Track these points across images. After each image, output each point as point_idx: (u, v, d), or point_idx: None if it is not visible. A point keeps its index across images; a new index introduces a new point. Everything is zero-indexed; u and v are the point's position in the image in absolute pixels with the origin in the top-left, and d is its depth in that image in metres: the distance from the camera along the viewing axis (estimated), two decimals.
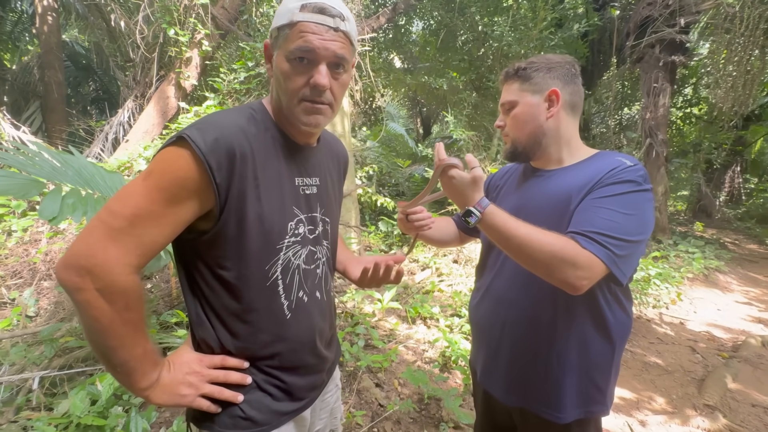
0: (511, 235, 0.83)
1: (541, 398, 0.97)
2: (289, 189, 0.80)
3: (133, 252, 0.66)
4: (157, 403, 0.74)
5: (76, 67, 8.69)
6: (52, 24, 6.64)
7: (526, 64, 0.99)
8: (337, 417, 1.10)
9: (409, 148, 9.23)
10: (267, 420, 0.81)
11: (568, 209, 0.90)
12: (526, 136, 0.99)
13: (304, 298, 0.83)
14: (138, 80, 6.11)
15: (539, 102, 0.97)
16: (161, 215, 0.67)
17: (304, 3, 0.71)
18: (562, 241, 0.81)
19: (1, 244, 3.59)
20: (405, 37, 8.56)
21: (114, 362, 0.68)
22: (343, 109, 3.97)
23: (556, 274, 0.80)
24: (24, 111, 7.19)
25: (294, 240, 0.80)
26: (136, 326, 0.69)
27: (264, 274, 0.77)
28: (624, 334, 0.97)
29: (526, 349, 0.98)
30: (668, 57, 5.62)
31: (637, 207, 0.85)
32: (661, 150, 5.89)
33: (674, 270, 4.87)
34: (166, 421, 1.91)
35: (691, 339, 3.45)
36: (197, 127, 0.69)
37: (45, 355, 2.12)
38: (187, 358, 0.78)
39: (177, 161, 0.67)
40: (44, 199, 1.47)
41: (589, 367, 0.94)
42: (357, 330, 2.83)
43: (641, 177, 0.88)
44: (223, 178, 0.69)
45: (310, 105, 0.74)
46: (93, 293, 0.64)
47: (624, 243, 0.82)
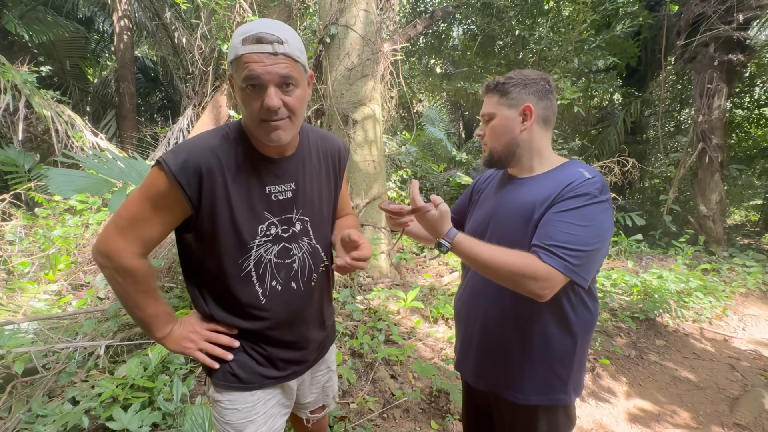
0: (478, 259, 0.94)
1: (505, 383, 1.08)
2: (259, 196, 0.93)
3: (135, 243, 0.89)
4: (170, 349, 0.99)
5: (146, 79, 9.70)
6: (127, 41, 7.51)
7: (504, 79, 1.08)
8: (330, 395, 1.27)
9: (448, 153, 9.27)
10: (251, 380, 1.01)
11: (531, 218, 1.01)
12: (502, 146, 1.09)
13: (278, 287, 0.99)
14: (196, 91, 6.76)
15: (515, 116, 1.06)
16: (151, 218, 0.88)
17: (244, 37, 0.80)
18: (522, 258, 0.92)
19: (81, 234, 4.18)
20: (445, 42, 8.65)
21: (136, 317, 0.94)
22: (375, 116, 4.17)
23: (520, 287, 0.93)
24: (102, 119, 8.16)
25: (265, 239, 0.96)
26: (146, 295, 0.93)
27: (238, 267, 0.94)
28: (587, 330, 1.06)
29: (494, 340, 1.09)
30: (724, 56, 5.23)
31: (592, 218, 0.94)
32: (715, 155, 5.48)
33: (724, 284, 4.54)
34: (203, 390, 2.19)
35: (733, 357, 3.24)
36: (173, 150, 0.87)
37: (110, 329, 2.51)
38: (192, 320, 1.01)
39: (157, 180, 0.86)
40: (113, 196, 1.79)
41: (550, 359, 1.04)
42: (379, 325, 3.00)
43: (597, 189, 0.96)
44: (193, 191, 0.86)
45: (268, 124, 0.85)
46: (111, 270, 0.89)
47: (581, 253, 0.92)
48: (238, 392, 1.00)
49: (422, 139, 9.27)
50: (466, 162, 8.68)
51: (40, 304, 3.13)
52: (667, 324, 3.66)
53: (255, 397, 1.02)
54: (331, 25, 4.02)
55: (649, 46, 7.76)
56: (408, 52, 8.33)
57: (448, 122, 14.73)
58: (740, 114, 9.37)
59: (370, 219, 4.23)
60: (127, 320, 2.62)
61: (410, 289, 3.73)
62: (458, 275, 4.62)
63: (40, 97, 4.39)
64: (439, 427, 2.10)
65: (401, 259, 4.88)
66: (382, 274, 4.31)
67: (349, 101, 4.07)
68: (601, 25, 6.37)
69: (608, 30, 6.02)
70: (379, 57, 4.17)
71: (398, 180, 6.38)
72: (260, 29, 0.80)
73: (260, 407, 1.03)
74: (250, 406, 1.01)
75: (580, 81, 6.89)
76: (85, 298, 3.26)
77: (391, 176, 6.31)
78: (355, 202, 4.11)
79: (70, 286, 3.63)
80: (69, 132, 4.54)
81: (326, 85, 4.18)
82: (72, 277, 3.70)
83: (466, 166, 8.96)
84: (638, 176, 7.74)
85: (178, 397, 1.83)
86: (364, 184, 4.15)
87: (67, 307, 3.17)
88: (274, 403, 1.07)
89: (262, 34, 0.79)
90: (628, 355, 3.11)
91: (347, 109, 4.06)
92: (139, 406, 1.77)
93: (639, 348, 3.25)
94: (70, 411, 1.76)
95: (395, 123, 10.23)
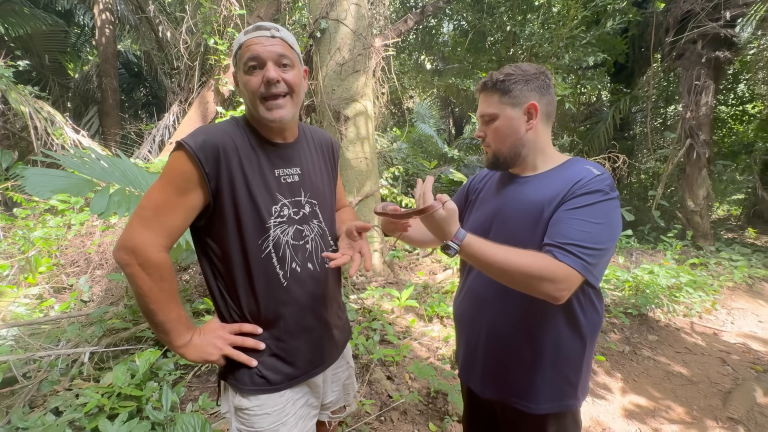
0: (490, 261, 0.87)
1: (515, 392, 1.03)
2: (271, 179, 0.97)
3: (160, 234, 0.88)
4: (189, 359, 0.94)
5: (129, 75, 9.43)
6: (109, 36, 7.27)
7: (504, 76, 1.02)
8: (350, 393, 1.24)
9: (439, 149, 9.25)
10: (279, 380, 0.99)
11: (541, 218, 0.96)
12: (508, 148, 1.04)
13: (297, 268, 0.99)
14: (182, 86, 6.59)
15: (519, 115, 1.01)
16: (175, 203, 0.88)
17: (245, 30, 0.94)
18: (538, 258, 0.87)
19: (63, 236, 4.03)
20: (435, 38, 8.60)
21: (155, 322, 0.90)
22: (367, 112, 4.11)
23: (535, 290, 0.86)
24: (84, 116, 7.91)
25: (280, 220, 0.97)
26: (170, 295, 0.90)
27: (258, 247, 0.94)
28: (595, 331, 1.02)
29: (501, 347, 1.05)
30: (712, 53, 5.29)
31: (606, 215, 0.91)
32: (702, 151, 5.56)
33: (712, 278, 4.61)
34: (194, 397, 2.12)
35: (723, 350, 3.28)
36: (191, 134, 0.91)
37: (95, 334, 2.41)
38: (213, 326, 0.98)
39: (178, 161, 0.88)
40: (94, 197, 1.70)
41: (561, 363, 1.00)
42: (374, 325, 2.95)
43: (608, 186, 0.93)
44: (211, 167, 0.89)
45: (270, 102, 0.92)
46: (136, 267, 0.86)
47: (596, 251, 0.88)
48: (267, 395, 0.97)
49: (413, 135, 9.22)
50: (458, 159, 8.66)
51: (20, 308, 3.00)
52: (659, 319, 3.70)
53: (284, 398, 1.00)
54: (322, 20, 3.93)
55: (637, 43, 7.83)
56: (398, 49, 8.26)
57: (439, 119, 14.72)
58: (724, 110, 9.56)
59: (363, 217, 4.17)
60: (112, 325, 2.52)
61: (404, 288, 3.69)
62: (452, 273, 4.59)
63: (17, 93, 4.21)
64: (437, 429, 2.07)
65: (394, 257, 4.84)
66: (376, 273, 4.26)
67: (340, 97, 3.99)
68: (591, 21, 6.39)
69: (598, 26, 6.04)
70: (370, 52, 4.10)
71: (390, 177, 6.33)
72: (259, 23, 0.94)
73: (290, 408, 1.01)
74: (280, 408, 0.99)
75: (570, 77, 6.91)
76: (68, 302, 3.14)
77: (382, 173, 6.25)
78: (348, 199, 4.04)
79: (52, 290, 3.50)
80: (49, 129, 4.37)
81: (317, 81, 4.09)
82: (54, 280, 3.57)
83: (458, 163, 8.95)
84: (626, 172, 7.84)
85: (168, 406, 1.75)
86: (356, 182, 4.09)
87: (50, 312, 3.05)
88: (303, 403, 1.05)
89: (262, 24, 0.93)
90: (622, 351, 3.13)
91: (339, 106, 3.98)
92: (126, 416, 1.69)
93: (632, 343, 3.27)
94: (53, 422, 1.68)
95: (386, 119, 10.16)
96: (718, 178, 8.54)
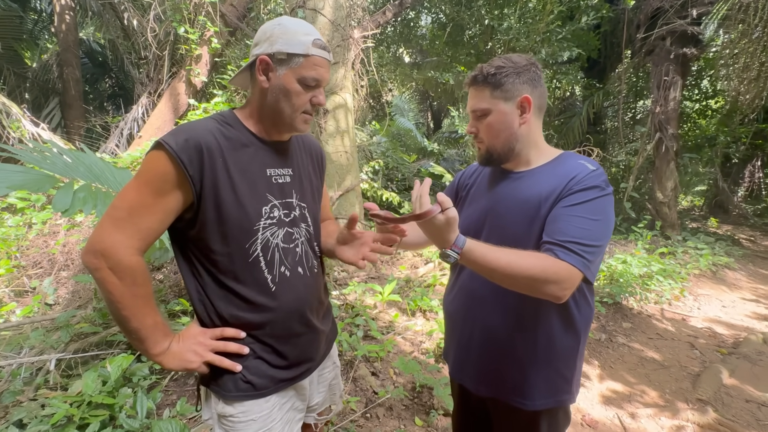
0: (492, 267, 0.84)
1: (511, 389, 1.03)
2: (261, 179, 0.93)
3: (134, 237, 0.82)
4: (168, 368, 0.88)
5: (93, 65, 8.93)
6: (70, 22, 6.84)
7: (494, 70, 0.98)
8: (336, 393, 1.21)
9: (418, 143, 9.25)
10: (265, 385, 0.94)
11: (537, 214, 0.95)
12: (501, 143, 1.01)
13: (287, 273, 0.95)
14: (151, 77, 6.28)
15: (512, 109, 0.99)
16: (151, 205, 0.82)
17: (313, 39, 0.90)
18: (540, 260, 0.85)
19: (23, 235, 3.78)
20: (413, 31, 8.54)
21: (129, 330, 0.84)
22: (347, 105, 4.03)
23: (539, 292, 0.85)
24: (44, 108, 7.44)
25: (270, 222, 0.93)
26: (144, 300, 0.84)
27: (245, 251, 0.89)
28: (588, 325, 1.03)
29: (496, 344, 1.03)
30: (680, 49, 5.50)
31: (603, 211, 0.91)
32: (671, 144, 5.79)
33: (680, 266, 4.82)
34: (171, 402, 2.03)
35: (691, 335, 3.44)
36: (171, 133, 0.85)
37: (61, 340, 2.27)
38: (193, 331, 0.92)
39: (158, 161, 0.82)
40: (57, 193, 1.58)
41: (556, 359, 1.00)
42: (357, 321, 2.92)
43: (603, 182, 0.93)
44: (195, 170, 0.83)
45: (308, 117, 0.95)
46: (107, 271, 0.80)
47: (595, 248, 0.87)
48: (252, 401, 0.93)
49: (392, 129, 9.18)
50: (438, 152, 8.68)
51: None
52: (632, 307, 3.84)
53: (270, 404, 0.95)
54: (299, 9, 3.82)
55: (609, 39, 8.04)
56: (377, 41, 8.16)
57: (417, 112, 14.72)
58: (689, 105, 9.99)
59: (344, 212, 4.11)
60: (80, 329, 2.39)
61: (386, 282, 3.68)
62: (434, 266, 4.61)
63: None
64: (423, 423, 2.07)
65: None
66: (357, 268, 4.22)
67: None
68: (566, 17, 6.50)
69: (573, 22, 6.15)
70: (349, 44, 4.02)
71: (370, 171, 6.28)
72: (319, 35, 0.92)
73: (276, 413, 0.96)
74: (266, 413, 0.94)
75: (546, 72, 7.03)
76: (31, 306, 2.95)
77: (362, 167, 6.19)
78: (329, 194, 3.98)
79: (13, 293, 3.28)
80: (4, 122, 4.07)
81: None
82: (15, 283, 3.35)
83: (437, 157, 8.98)
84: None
85: (143, 413, 1.67)
86: (336, 176, 4.02)
87: (10, 317, 2.86)
88: (289, 407, 1.01)
89: (324, 43, 0.92)
90: (599, 339, 3.23)
91: None
92: (98, 426, 1.60)
93: (608, 331, 3.38)
94: None
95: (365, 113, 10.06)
96: (683, 171, 8.94)
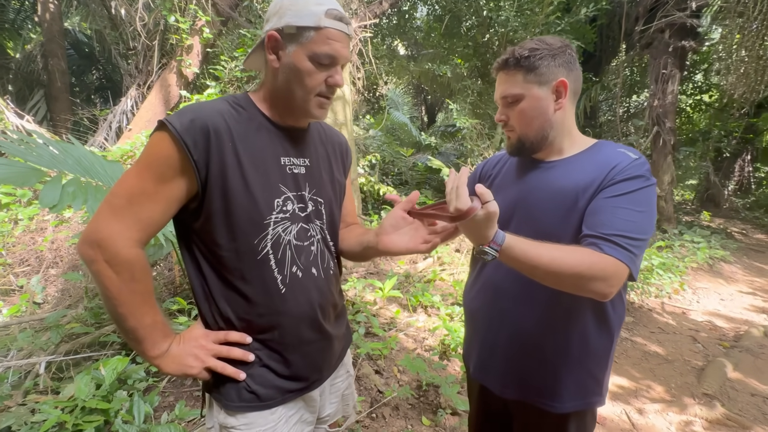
0: (534, 264, 0.78)
1: (540, 391, 0.97)
2: (274, 167, 0.84)
3: (133, 227, 0.75)
4: (166, 372, 0.80)
5: (80, 56, 8.66)
6: (54, 12, 6.60)
7: (528, 52, 0.90)
8: (350, 404, 1.12)
9: (413, 137, 9.17)
10: (270, 396, 0.85)
11: (576, 206, 0.88)
12: (535, 131, 0.94)
13: (299, 273, 0.86)
14: (140, 68, 6.08)
15: (547, 94, 0.92)
16: (153, 192, 0.75)
17: (327, 9, 0.77)
18: (586, 255, 0.78)
19: (9, 232, 3.63)
20: (409, 23, 8.42)
21: (125, 329, 0.77)
22: (345, 97, 3.93)
23: (586, 290, 0.79)
24: (29, 100, 7.20)
25: (282, 216, 0.84)
26: (143, 297, 0.77)
27: (254, 247, 0.81)
28: (621, 324, 0.97)
29: (525, 345, 0.97)
30: (678, 42, 5.48)
31: (648, 202, 0.85)
32: (668, 138, 5.79)
33: (678, 260, 4.84)
34: (169, 405, 1.95)
35: (692, 329, 3.44)
36: (178, 113, 0.77)
37: (51, 341, 2.17)
38: (195, 333, 0.84)
39: (160, 143, 0.75)
40: (44, 188, 1.48)
41: (588, 359, 0.94)
42: (358, 318, 2.86)
43: (647, 171, 0.87)
44: (200, 155, 0.75)
45: (324, 100, 0.83)
46: (103, 264, 0.73)
47: (640, 242, 0.82)
48: (256, 412, 0.84)
49: (387, 123, 9.07)
50: (434, 146, 8.61)
51: None
52: (634, 301, 3.83)
53: (276, 416, 0.87)
54: None
55: (605, 31, 8.00)
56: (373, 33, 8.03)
57: (412, 106, 14.62)
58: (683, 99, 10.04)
59: None
60: (71, 329, 2.28)
61: (386, 278, 3.62)
62: (432, 262, 4.56)
63: None
64: (431, 423, 2.02)
65: None
66: (356, 263, 4.15)
67: None
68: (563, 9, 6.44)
69: (571, 14, 6.09)
70: None
71: (367, 165, 6.19)
72: (335, 5, 0.79)
73: (282, 427, 0.87)
74: (271, 427, 0.86)
75: None
76: (18, 305, 2.83)
77: (359, 161, 6.10)
78: None
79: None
80: None
81: None
82: (1, 281, 3.22)
83: (433, 151, 8.91)
84: None
85: (141, 418, 1.59)
86: None
87: None
88: (297, 419, 0.91)
89: (341, 12, 0.80)
90: None
91: None
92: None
93: None
94: None
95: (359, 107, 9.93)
96: (678, 165, 9.00)
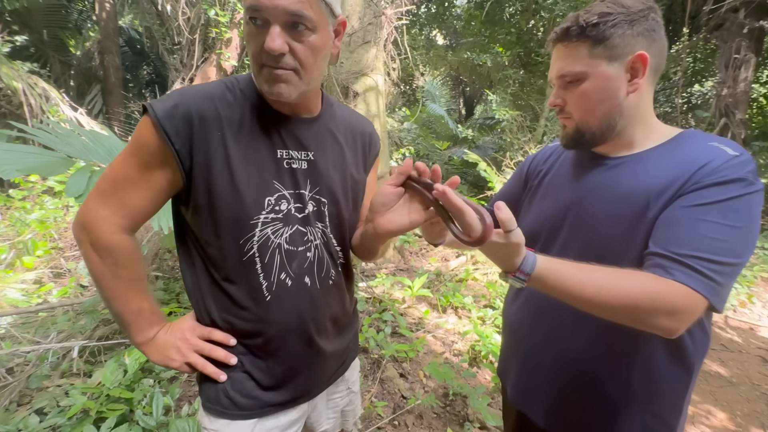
0: (575, 296, 0.64)
1: (593, 429, 0.80)
2: (268, 161, 0.75)
3: (117, 212, 0.72)
4: (151, 360, 0.79)
5: (133, 52, 9.15)
6: (110, 10, 6.99)
7: (597, 18, 0.70)
8: (350, 420, 1.03)
9: (449, 130, 8.90)
10: (248, 405, 0.78)
11: (644, 216, 0.70)
12: (600, 119, 0.75)
13: (288, 281, 0.77)
14: (184, 63, 6.30)
15: (619, 73, 0.72)
16: (137, 179, 0.71)
17: None
18: (646, 282, 0.62)
19: (61, 218, 3.88)
20: (448, 11, 8.13)
21: (113, 313, 0.76)
22: (378, 87, 3.82)
23: (647, 325, 0.63)
24: (87, 94, 7.70)
25: (273, 216, 0.75)
26: (128, 283, 0.75)
27: (239, 248, 0.74)
28: (703, 357, 0.78)
29: (574, 372, 0.81)
30: (755, 22, 4.84)
31: (748, 216, 0.64)
32: (738, 131, 5.16)
33: (746, 268, 4.32)
34: (194, 394, 1.95)
35: (762, 347, 3.04)
36: (164, 96, 0.72)
37: (87, 326, 2.25)
38: (183, 325, 0.80)
39: (142, 128, 0.70)
40: (71, 177, 1.49)
41: (656, 399, 0.76)
42: (384, 317, 2.76)
43: (751, 173, 0.65)
44: (182, 144, 0.69)
45: (270, 71, 0.67)
46: (88, 246, 0.72)
47: (729, 267, 0.62)
48: (229, 420, 0.78)
49: (422, 116, 8.86)
50: (471, 139, 8.30)
51: (16, 294, 2.87)
52: None
53: (251, 429, 0.79)
54: None
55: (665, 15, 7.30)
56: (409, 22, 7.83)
57: (449, 99, 14.25)
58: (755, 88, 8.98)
59: None
60: (105, 315, 2.36)
61: (416, 275, 3.50)
62: (466, 260, 4.36)
63: (9, 68, 3.99)
64: None
65: (404, 243, 4.63)
66: (385, 259, 4.06)
67: (349, 71, 3.70)
68: None
69: None
70: (381, 21, 3.77)
71: (400, 158, 6.06)
72: None
73: None
74: None
75: None
76: (66, 287, 3.00)
77: (392, 154, 5.99)
78: None
79: (52, 274, 3.37)
80: (44, 106, 4.17)
81: None
82: (52, 264, 3.43)
83: (469, 144, 8.60)
84: None
85: (159, 411, 1.58)
86: None
87: (48, 297, 2.92)
88: None
89: None
90: None
91: (347, 80, 3.70)
92: (114, 422, 1.53)
93: None
94: (35, 427, 1.53)
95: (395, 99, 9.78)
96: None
